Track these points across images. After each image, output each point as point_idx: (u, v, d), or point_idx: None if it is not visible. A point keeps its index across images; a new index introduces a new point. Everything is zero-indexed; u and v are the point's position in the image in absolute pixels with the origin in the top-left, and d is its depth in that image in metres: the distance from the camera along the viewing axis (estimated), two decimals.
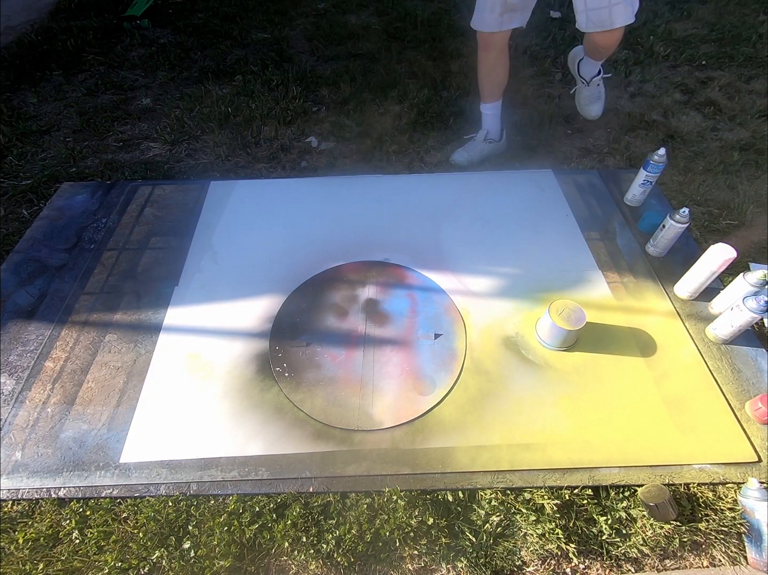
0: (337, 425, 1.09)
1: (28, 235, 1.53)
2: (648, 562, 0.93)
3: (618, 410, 1.11)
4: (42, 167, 1.79)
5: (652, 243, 1.43)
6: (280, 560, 0.93)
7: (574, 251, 1.47)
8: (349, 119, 2.01)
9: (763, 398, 1.07)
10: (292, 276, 1.39)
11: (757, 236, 1.50)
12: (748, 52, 2.41)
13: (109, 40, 2.54)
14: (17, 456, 1.05)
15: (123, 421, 1.10)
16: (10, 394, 1.15)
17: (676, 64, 2.37)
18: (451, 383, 1.16)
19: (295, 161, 1.84)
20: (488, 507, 0.98)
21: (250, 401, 1.13)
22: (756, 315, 1.11)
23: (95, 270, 1.42)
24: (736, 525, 0.95)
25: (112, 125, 2.00)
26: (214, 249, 1.47)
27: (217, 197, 1.65)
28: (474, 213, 1.57)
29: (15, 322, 1.29)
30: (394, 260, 1.43)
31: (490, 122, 1.74)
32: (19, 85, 2.20)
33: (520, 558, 0.93)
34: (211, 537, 0.93)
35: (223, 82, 2.25)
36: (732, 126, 1.99)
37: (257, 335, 1.25)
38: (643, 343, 1.23)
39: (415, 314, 1.30)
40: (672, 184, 1.72)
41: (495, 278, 1.39)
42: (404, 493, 0.98)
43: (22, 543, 0.93)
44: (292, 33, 2.64)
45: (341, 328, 1.27)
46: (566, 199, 1.62)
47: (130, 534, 0.95)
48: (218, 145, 1.88)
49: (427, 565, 0.93)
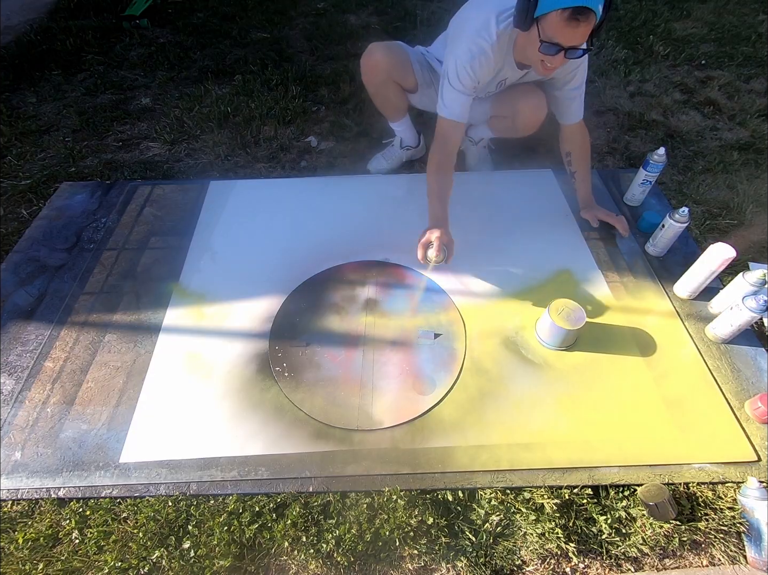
0: (337, 425, 1.09)
1: (27, 235, 1.53)
2: (648, 561, 0.94)
3: (618, 409, 1.11)
4: (41, 167, 1.78)
5: (652, 243, 1.43)
6: (280, 560, 0.93)
7: (573, 250, 1.47)
8: (349, 119, 2.01)
9: (763, 397, 1.07)
10: (292, 276, 1.39)
11: (756, 236, 1.51)
12: (748, 52, 2.42)
13: (109, 39, 2.53)
14: (17, 456, 1.05)
15: (123, 421, 1.10)
16: (9, 394, 1.15)
17: (676, 63, 2.37)
18: (451, 382, 1.16)
19: (294, 161, 1.84)
20: (488, 506, 0.98)
21: (249, 401, 1.13)
22: (755, 315, 1.11)
23: (95, 270, 1.42)
24: (736, 525, 0.95)
25: (112, 125, 1.99)
26: (214, 249, 1.47)
27: (217, 197, 1.64)
28: (474, 213, 1.57)
29: (14, 322, 1.29)
30: (393, 260, 1.43)
31: (404, 133, 1.71)
32: (18, 84, 2.20)
33: (520, 558, 0.94)
34: (210, 537, 0.93)
35: (222, 81, 2.25)
36: (731, 125, 1.99)
37: (257, 335, 1.25)
38: (643, 342, 1.24)
39: (415, 314, 1.30)
40: (671, 183, 1.72)
41: (495, 278, 1.39)
42: (404, 493, 0.98)
43: (21, 543, 0.93)
44: (291, 32, 2.64)
45: (341, 328, 1.27)
46: (566, 199, 1.62)
47: (129, 534, 0.95)
48: (218, 144, 1.88)
49: (427, 565, 0.93)
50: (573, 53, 1.08)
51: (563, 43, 1.05)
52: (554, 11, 1.00)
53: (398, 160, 1.77)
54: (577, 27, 1.01)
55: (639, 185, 1.54)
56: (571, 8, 0.98)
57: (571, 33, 1.03)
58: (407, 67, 1.49)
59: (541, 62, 1.13)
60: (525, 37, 1.12)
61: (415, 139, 1.75)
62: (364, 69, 1.50)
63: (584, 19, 0.99)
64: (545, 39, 1.05)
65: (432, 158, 1.34)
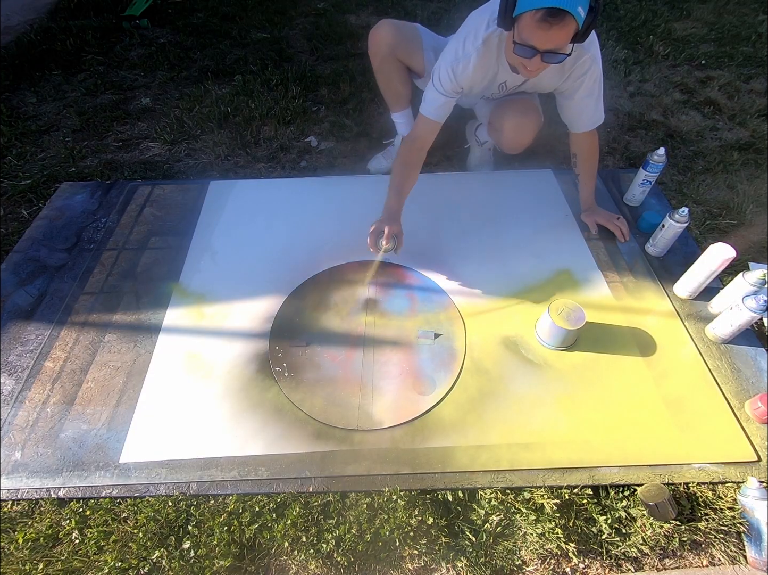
0: (337, 425, 1.09)
1: (27, 235, 1.53)
2: (648, 561, 0.94)
3: (618, 409, 1.11)
4: (41, 167, 1.78)
5: (652, 243, 1.43)
6: (280, 560, 0.93)
7: (573, 250, 1.47)
8: (349, 119, 2.01)
9: (763, 397, 1.07)
10: (292, 276, 1.39)
11: (756, 236, 1.51)
12: (748, 52, 2.42)
13: (109, 39, 2.53)
14: (17, 456, 1.05)
15: (123, 421, 1.10)
16: (9, 394, 1.15)
17: (676, 63, 2.37)
18: (451, 382, 1.16)
19: (294, 161, 1.84)
20: (488, 506, 0.98)
21: (249, 401, 1.13)
22: (755, 315, 1.11)
23: (95, 270, 1.42)
24: (736, 525, 0.95)
25: (112, 125, 1.99)
26: (214, 249, 1.47)
27: (217, 197, 1.64)
28: (474, 213, 1.57)
29: (14, 322, 1.29)
30: (393, 260, 1.43)
31: (404, 130, 1.68)
32: (18, 84, 2.20)
33: (520, 558, 0.94)
34: (210, 537, 0.93)
35: (222, 81, 2.25)
36: (731, 125, 1.99)
37: (257, 335, 1.25)
38: (643, 342, 1.23)
39: (415, 314, 1.30)
40: (671, 183, 1.72)
41: (495, 278, 1.39)
42: (404, 493, 0.98)
43: (21, 543, 0.93)
44: (291, 33, 2.64)
45: (341, 328, 1.27)
46: (566, 199, 1.62)
47: (129, 534, 0.95)
48: (218, 144, 1.88)
49: (426, 565, 0.93)
50: (551, 57, 1.03)
51: (537, 45, 1.00)
52: (528, 12, 0.96)
53: None
54: (549, 29, 0.96)
55: (639, 185, 1.54)
56: (545, 9, 0.93)
57: (543, 35, 0.98)
58: (415, 50, 1.46)
59: (520, 65, 1.09)
60: (508, 38, 1.08)
61: None
62: (370, 42, 1.49)
63: (557, 21, 0.94)
64: (519, 41, 1.01)
65: (401, 152, 1.35)
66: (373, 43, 1.48)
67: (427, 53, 1.47)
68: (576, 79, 1.24)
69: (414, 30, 1.48)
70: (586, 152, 1.45)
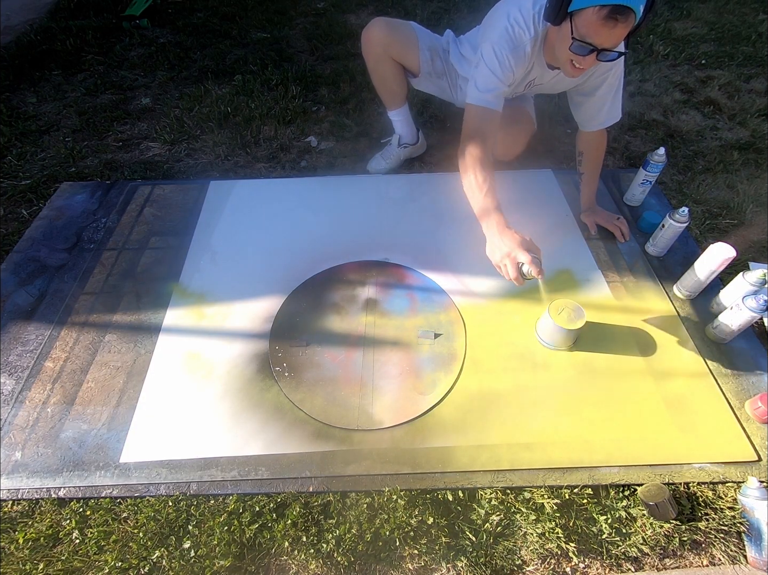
0: (337, 425, 1.09)
1: (27, 235, 1.53)
2: (648, 561, 0.94)
3: (618, 409, 1.11)
4: (41, 167, 1.78)
5: (652, 242, 1.43)
6: (280, 559, 0.93)
7: (573, 250, 1.47)
8: (349, 119, 2.01)
9: (763, 397, 1.07)
10: (292, 276, 1.39)
11: (756, 236, 1.51)
12: (748, 52, 2.42)
13: (109, 39, 2.53)
14: (17, 456, 1.05)
15: (123, 421, 1.10)
16: (9, 394, 1.15)
17: (676, 63, 2.37)
18: (451, 382, 1.16)
19: (294, 161, 1.84)
20: (488, 506, 0.98)
21: (249, 401, 1.13)
22: (756, 314, 1.11)
23: (95, 270, 1.42)
24: (736, 524, 0.95)
25: (112, 125, 1.99)
26: (214, 249, 1.47)
27: (217, 197, 1.64)
28: (474, 213, 1.57)
29: (15, 322, 1.29)
30: (394, 260, 1.43)
31: (401, 127, 1.67)
32: (18, 84, 2.20)
33: (520, 557, 0.93)
34: (211, 537, 0.93)
35: (222, 81, 2.25)
36: (732, 125, 1.99)
37: (257, 335, 1.25)
38: (643, 342, 1.23)
39: (415, 314, 1.30)
40: (671, 183, 1.72)
41: (495, 278, 1.38)
42: (404, 492, 0.98)
43: (22, 543, 0.93)
44: (291, 32, 2.64)
45: (341, 328, 1.27)
46: (566, 199, 1.62)
47: (130, 534, 0.95)
48: (218, 144, 1.88)
49: (427, 564, 0.93)
50: (606, 55, 0.99)
51: (597, 43, 0.96)
52: (591, 7, 0.92)
53: (397, 158, 1.75)
54: (614, 27, 0.93)
55: (639, 185, 1.54)
56: (611, 6, 0.89)
57: (606, 33, 0.94)
58: (410, 49, 1.43)
59: (569, 62, 1.04)
60: (556, 33, 1.03)
61: (413, 136, 1.73)
62: (363, 42, 1.47)
63: (623, 19, 0.91)
64: (578, 37, 0.97)
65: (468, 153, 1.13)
66: (366, 42, 1.47)
67: (423, 53, 1.45)
68: (600, 75, 1.21)
69: (409, 29, 1.46)
70: (594, 151, 1.43)
